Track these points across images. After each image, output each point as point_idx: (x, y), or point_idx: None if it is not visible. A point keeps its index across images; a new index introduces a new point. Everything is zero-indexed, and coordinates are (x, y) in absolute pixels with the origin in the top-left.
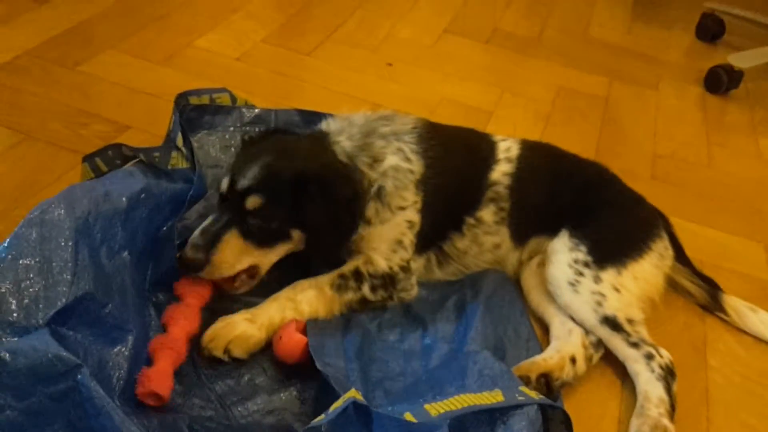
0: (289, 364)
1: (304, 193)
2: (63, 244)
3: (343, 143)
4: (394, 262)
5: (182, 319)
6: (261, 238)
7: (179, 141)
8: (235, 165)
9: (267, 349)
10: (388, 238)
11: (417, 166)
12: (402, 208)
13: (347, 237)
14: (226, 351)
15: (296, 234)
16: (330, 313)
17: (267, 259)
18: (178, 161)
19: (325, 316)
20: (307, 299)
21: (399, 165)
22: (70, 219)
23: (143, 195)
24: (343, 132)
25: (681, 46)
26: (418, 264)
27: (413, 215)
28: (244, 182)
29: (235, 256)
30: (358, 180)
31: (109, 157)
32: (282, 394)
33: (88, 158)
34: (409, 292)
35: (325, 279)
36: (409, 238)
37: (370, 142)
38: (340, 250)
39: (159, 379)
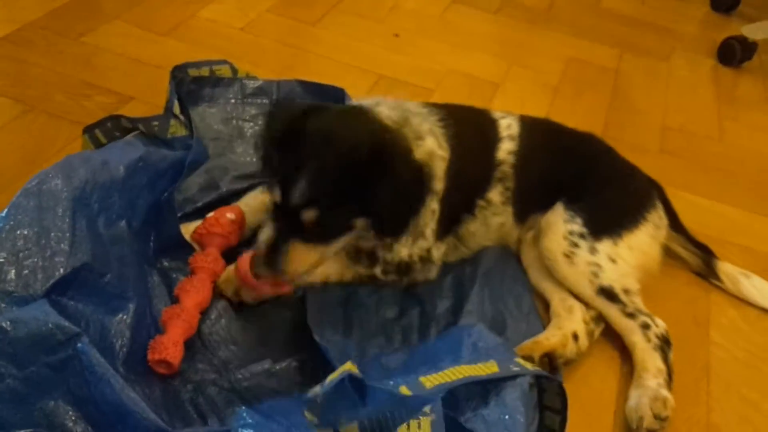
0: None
1: (363, 181)
2: (60, 214)
3: (386, 112)
4: (414, 251)
5: (194, 292)
6: (322, 239)
7: (176, 109)
8: (281, 169)
9: (269, 317)
10: (413, 229)
11: (446, 153)
12: (431, 200)
13: (417, 210)
14: (237, 294)
15: (360, 222)
16: (340, 278)
17: (331, 250)
18: (177, 129)
19: (336, 280)
20: None
21: (435, 151)
22: (67, 189)
23: (141, 163)
24: (380, 104)
25: (695, 17)
26: (440, 252)
27: (436, 204)
28: (295, 197)
29: (304, 261)
30: (412, 149)
31: (108, 129)
32: (283, 363)
33: (87, 130)
34: (419, 280)
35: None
36: (431, 228)
37: (408, 116)
38: (409, 226)
39: (170, 348)
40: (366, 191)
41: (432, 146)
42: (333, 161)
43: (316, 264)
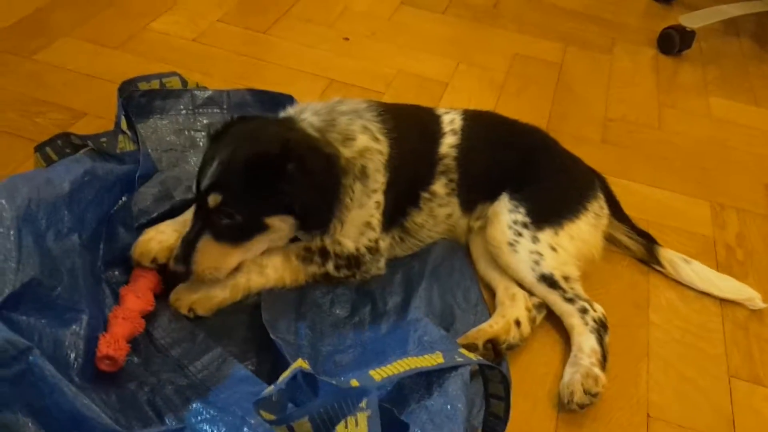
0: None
1: (272, 178)
2: (5, 233)
3: (310, 119)
4: (362, 243)
5: (134, 295)
6: (234, 236)
7: (123, 124)
8: (201, 165)
9: (224, 320)
10: (359, 222)
11: (384, 146)
12: (375, 191)
13: (337, 205)
14: (191, 310)
15: (276, 222)
16: (295, 282)
17: (251, 254)
18: (125, 144)
19: (291, 284)
20: (273, 264)
21: (371, 146)
22: (10, 208)
23: (87, 177)
24: (306, 110)
25: (637, 8)
26: (386, 243)
27: (380, 196)
28: (205, 182)
29: (215, 260)
30: (332, 153)
31: (59, 147)
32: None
33: (39, 148)
34: (372, 273)
35: (292, 248)
36: (376, 218)
37: (335, 118)
38: (333, 221)
39: (110, 343)
40: (278, 189)
41: (365, 143)
42: (240, 153)
43: (231, 264)
